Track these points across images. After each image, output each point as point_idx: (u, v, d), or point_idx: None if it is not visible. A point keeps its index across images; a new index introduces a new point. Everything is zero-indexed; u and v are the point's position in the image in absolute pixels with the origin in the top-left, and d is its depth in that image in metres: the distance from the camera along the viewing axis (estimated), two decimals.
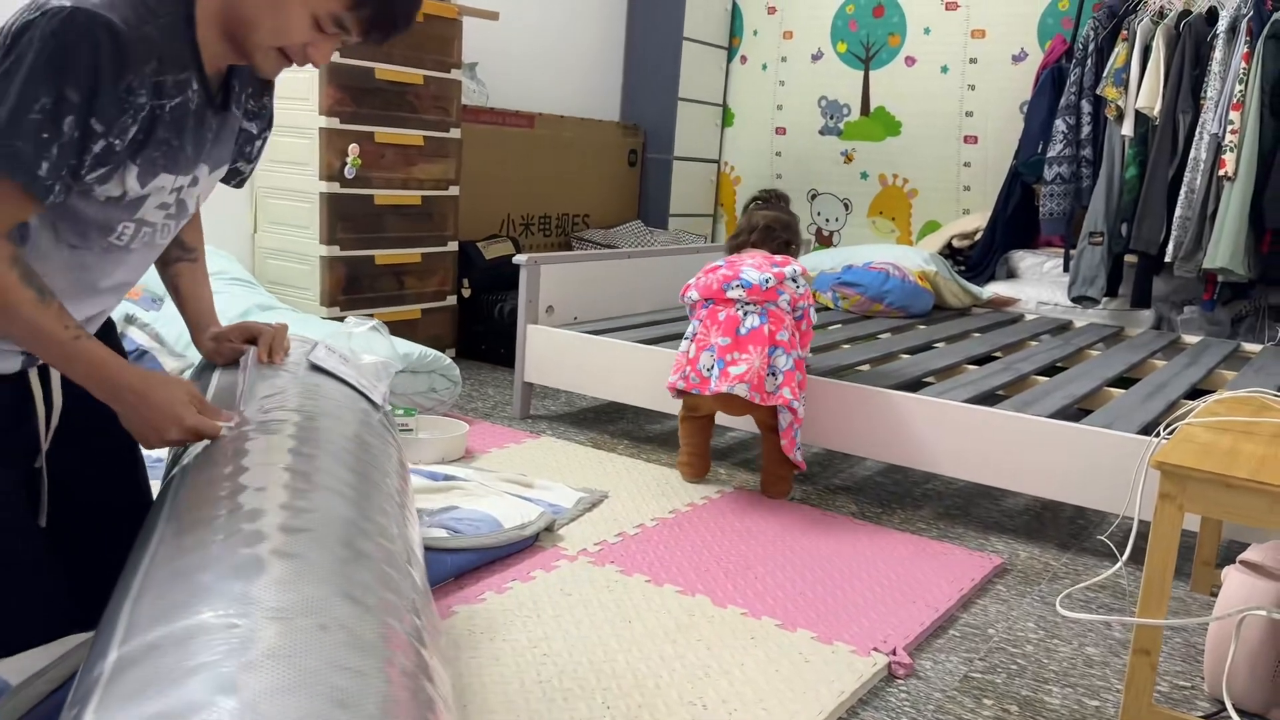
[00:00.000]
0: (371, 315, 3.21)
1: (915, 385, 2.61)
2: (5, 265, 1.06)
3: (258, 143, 1.40)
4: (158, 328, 2.78)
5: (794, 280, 2.41)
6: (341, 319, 3.12)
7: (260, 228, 3.37)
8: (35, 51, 1.00)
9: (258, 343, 1.40)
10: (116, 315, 2.72)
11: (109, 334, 1.42)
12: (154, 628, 0.80)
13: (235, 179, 1.42)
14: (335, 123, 3.13)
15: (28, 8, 1.03)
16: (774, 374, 2.31)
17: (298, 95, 3.14)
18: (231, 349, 1.42)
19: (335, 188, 3.17)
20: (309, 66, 1.39)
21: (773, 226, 2.58)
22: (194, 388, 1.20)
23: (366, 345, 2.63)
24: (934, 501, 2.56)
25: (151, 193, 1.17)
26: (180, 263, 1.44)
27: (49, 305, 1.10)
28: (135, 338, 2.77)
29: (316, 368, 1.42)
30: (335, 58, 3.08)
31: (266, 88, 1.36)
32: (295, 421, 1.20)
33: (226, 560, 0.88)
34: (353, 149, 3.18)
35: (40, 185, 1.04)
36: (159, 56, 1.09)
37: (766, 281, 2.35)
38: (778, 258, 2.47)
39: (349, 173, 3.19)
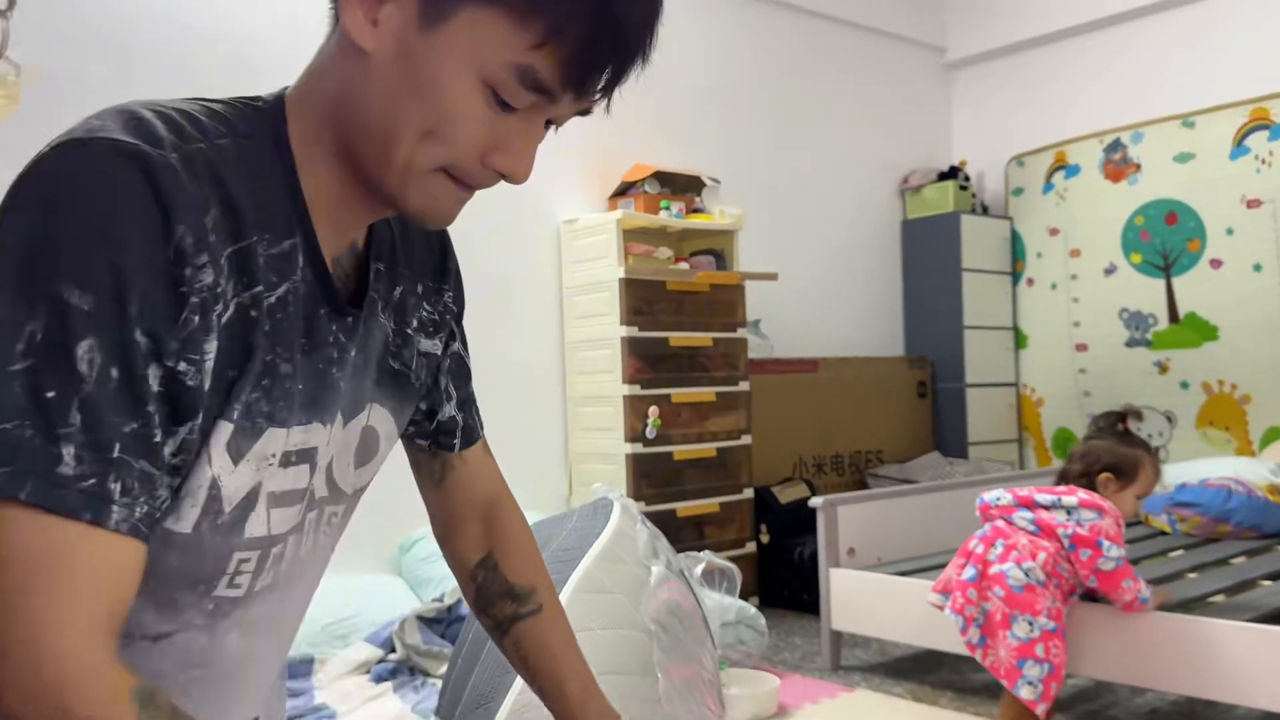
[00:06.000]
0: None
1: None
2: (110, 688, 0.54)
3: (445, 362, 0.87)
4: None
5: (1053, 509, 2.27)
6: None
7: (574, 490, 3.64)
8: (13, 236, 0.56)
9: None
10: None
11: None
12: None
13: (447, 436, 0.88)
14: (636, 389, 3.39)
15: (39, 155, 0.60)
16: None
17: (601, 369, 3.45)
18: None
19: (639, 448, 3.38)
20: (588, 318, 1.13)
21: (1071, 458, 2.42)
22: None
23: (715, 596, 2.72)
24: None
25: (259, 474, 0.67)
26: (520, 622, 0.91)
27: (154, 709, 0.56)
28: None
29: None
30: (632, 331, 3.39)
31: (444, 274, 0.84)
32: None
33: None
34: (652, 411, 3.42)
35: (74, 491, 0.54)
36: (226, 199, 0.62)
37: (998, 499, 2.38)
38: (1063, 488, 2.31)
39: (650, 433, 3.41)
